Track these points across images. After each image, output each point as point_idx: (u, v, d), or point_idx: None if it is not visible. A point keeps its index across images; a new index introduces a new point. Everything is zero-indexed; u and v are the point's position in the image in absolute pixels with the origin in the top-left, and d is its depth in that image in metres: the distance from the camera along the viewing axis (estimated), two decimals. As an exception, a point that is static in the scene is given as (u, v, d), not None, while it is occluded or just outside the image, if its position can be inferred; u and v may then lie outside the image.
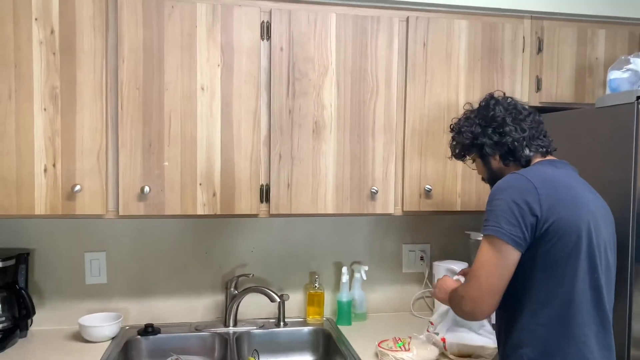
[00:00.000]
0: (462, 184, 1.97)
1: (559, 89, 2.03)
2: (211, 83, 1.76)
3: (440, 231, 2.31)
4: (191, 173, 1.76)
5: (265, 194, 1.82)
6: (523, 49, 1.98)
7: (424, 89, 1.92)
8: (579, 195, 1.33)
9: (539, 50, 2.01)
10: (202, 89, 1.75)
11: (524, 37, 1.98)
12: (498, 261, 1.27)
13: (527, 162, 1.45)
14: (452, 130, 1.60)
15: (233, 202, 1.79)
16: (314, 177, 1.85)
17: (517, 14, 1.98)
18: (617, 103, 1.59)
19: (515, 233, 1.26)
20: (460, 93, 1.94)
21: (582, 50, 2.05)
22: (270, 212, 1.83)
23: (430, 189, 1.92)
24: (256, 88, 1.79)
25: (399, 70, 1.90)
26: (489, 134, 1.46)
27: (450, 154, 1.63)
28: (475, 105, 1.57)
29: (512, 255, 1.27)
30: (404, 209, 1.94)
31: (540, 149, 1.45)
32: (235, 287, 2.06)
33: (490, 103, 1.51)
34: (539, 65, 2.01)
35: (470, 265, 2.13)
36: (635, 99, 1.54)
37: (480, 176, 1.61)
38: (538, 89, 2.02)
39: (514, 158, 1.46)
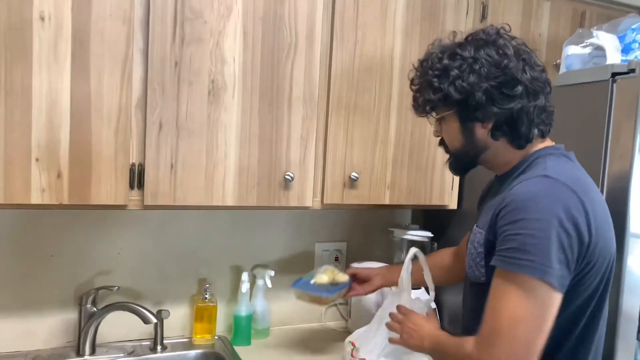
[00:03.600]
0: (393, 173, 1.60)
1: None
2: (56, 11, 1.19)
3: (359, 227, 1.94)
4: (22, 143, 1.18)
5: (137, 178, 1.30)
6: (467, 12, 1.66)
7: (354, 50, 1.51)
8: (604, 203, 1.03)
9: (483, 17, 1.70)
10: (42, 18, 1.18)
11: (467, 0, 1.66)
12: (543, 312, 0.92)
13: (524, 145, 1.08)
14: (426, 68, 1.11)
15: (88, 187, 1.25)
16: (209, 156, 1.36)
17: (462, -29, 1.65)
18: (586, 81, 1.32)
19: (564, 274, 0.93)
20: (396, 59, 1.57)
21: (526, 23, 1.78)
22: (145, 203, 1.31)
23: (357, 177, 1.53)
24: (127, 26, 1.25)
25: (324, 23, 1.47)
26: (491, 90, 1.01)
27: (416, 104, 1.16)
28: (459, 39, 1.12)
29: (557, 302, 0.93)
30: (324, 201, 1.53)
31: (543, 128, 1.09)
32: (94, 303, 1.50)
33: (498, 41, 1.04)
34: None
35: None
36: (610, 75, 1.27)
37: (439, 143, 1.20)
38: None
39: (513, 134, 1.06)
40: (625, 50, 1.37)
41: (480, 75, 1.02)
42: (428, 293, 1.42)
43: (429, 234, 1.79)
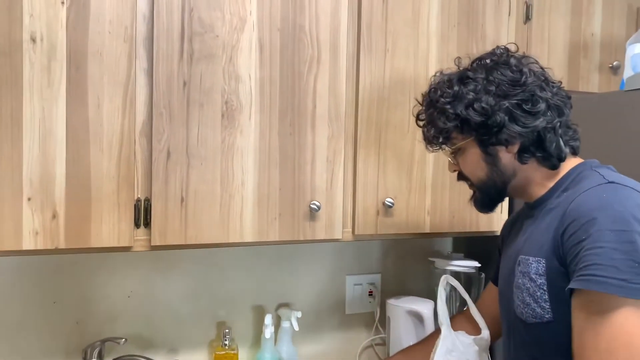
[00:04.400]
0: (433, 196, 1.41)
1: (549, 71, 1.55)
2: (49, 30, 1.05)
3: (393, 256, 1.75)
4: (12, 180, 1.04)
5: (143, 214, 1.14)
6: (509, 13, 1.48)
7: (384, 61, 1.34)
8: None
9: (527, 18, 1.52)
10: (33, 39, 1.04)
11: (509, 0, 1.48)
12: None
13: (557, 164, 0.97)
14: (435, 98, 1.02)
15: (88, 228, 1.09)
16: (225, 186, 1.20)
17: (501, -32, 1.47)
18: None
19: None
20: (431, 69, 1.39)
21: (576, 22, 1.59)
22: (153, 244, 1.15)
23: (392, 204, 1.35)
24: (129, 44, 1.11)
25: (349, 32, 1.31)
26: (512, 109, 0.93)
27: (426, 138, 1.07)
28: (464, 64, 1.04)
29: None
30: (356, 232, 1.34)
31: (574, 144, 0.99)
32: (100, 357, 1.34)
33: (509, 60, 0.97)
34: (527, 38, 1.52)
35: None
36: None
37: (457, 178, 1.08)
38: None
39: (543, 154, 0.95)
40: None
41: (498, 95, 0.94)
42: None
43: (476, 264, 1.58)
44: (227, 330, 1.46)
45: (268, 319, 1.46)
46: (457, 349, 1.19)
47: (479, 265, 1.60)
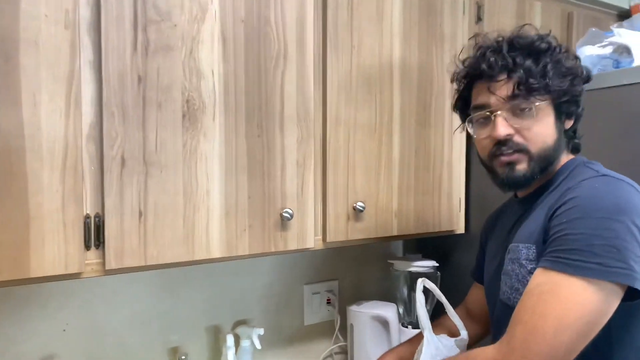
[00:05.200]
0: (399, 199, 1.37)
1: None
2: (-31, 10, 0.85)
3: (349, 262, 1.69)
4: None
5: (95, 234, 0.97)
6: (464, 12, 1.48)
7: (350, 57, 1.27)
8: None
9: (479, 18, 1.53)
10: (-53, 21, 0.83)
11: (464, 0, 1.48)
12: (597, 319, 0.80)
13: (580, 150, 1.03)
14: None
15: (26, 254, 0.89)
16: (188, 196, 1.05)
17: (455, -33, 1.47)
18: (633, 82, 1.16)
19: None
20: (395, 67, 1.35)
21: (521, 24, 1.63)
22: (107, 267, 0.98)
23: (363, 208, 1.28)
24: (71, 31, 0.93)
25: (315, 27, 1.22)
26: (576, 87, 0.95)
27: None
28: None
29: (615, 305, 0.81)
30: (327, 240, 1.26)
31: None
32: (34, 403, 1.12)
33: (562, 47, 0.96)
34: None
35: (407, 309, 1.56)
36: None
37: (498, 145, 0.96)
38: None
39: (574, 141, 1.02)
40: (654, 49, 1.24)
41: (573, 67, 0.95)
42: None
43: (434, 263, 1.57)
44: (182, 357, 1.30)
45: (230, 340, 1.32)
46: (441, 353, 1.16)
47: (437, 264, 1.59)
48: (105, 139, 0.97)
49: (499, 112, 0.93)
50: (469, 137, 1.46)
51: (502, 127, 0.92)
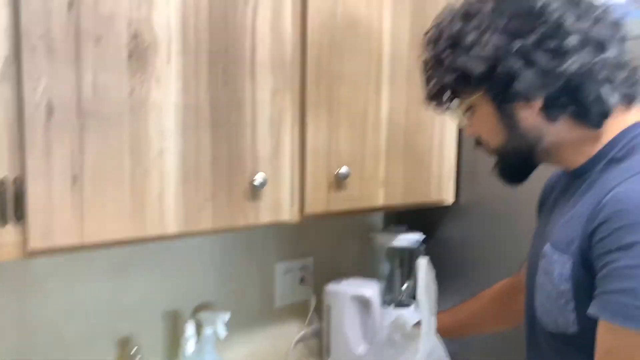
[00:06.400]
0: (387, 164, 1.20)
1: None
2: None
3: (324, 235, 1.51)
4: None
5: (13, 204, 0.75)
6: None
7: (335, -6, 1.07)
8: None
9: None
10: None
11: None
12: None
13: (600, 120, 0.73)
14: (433, 40, 0.80)
15: None
16: (137, 157, 0.84)
17: None
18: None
19: None
20: (386, 11, 1.15)
21: None
22: (30, 246, 0.76)
23: (347, 174, 1.10)
24: None
25: (293, -48, 1.01)
26: (528, 49, 0.70)
27: (427, 93, 0.85)
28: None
29: None
30: (305, 211, 1.08)
31: (628, 91, 0.74)
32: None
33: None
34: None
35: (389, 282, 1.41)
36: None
37: (475, 144, 0.87)
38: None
39: (579, 108, 0.72)
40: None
41: (510, 33, 0.71)
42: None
43: (420, 236, 1.42)
44: (134, 349, 1.10)
45: (190, 329, 1.13)
46: (438, 352, 1.02)
47: (422, 238, 1.44)
48: (26, 80, 0.74)
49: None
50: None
51: (467, 129, 0.86)
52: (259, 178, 0.96)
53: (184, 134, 0.89)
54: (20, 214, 0.75)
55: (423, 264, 0.98)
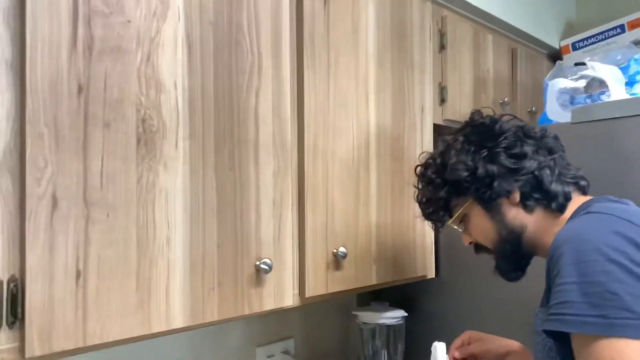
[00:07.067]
0: (377, 243, 1.20)
1: (461, 103, 1.50)
2: None
3: (305, 315, 1.46)
4: None
5: (9, 306, 0.66)
6: (430, 38, 1.39)
7: (327, 78, 1.10)
8: None
9: (442, 47, 1.45)
10: None
11: (430, 25, 1.39)
12: None
13: (564, 204, 0.89)
14: (424, 174, 1.02)
15: None
16: (143, 248, 0.78)
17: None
18: (617, 116, 1.12)
19: None
20: (371, 95, 1.20)
21: (477, 56, 1.58)
22: (28, 355, 0.67)
23: (346, 253, 1.09)
24: (-17, 14, 0.65)
25: (291, 39, 1.03)
26: (498, 156, 0.90)
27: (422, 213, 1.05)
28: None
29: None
30: (306, 294, 1.04)
31: (579, 182, 0.92)
32: None
33: (485, 119, 0.96)
34: (442, 69, 1.45)
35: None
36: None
37: (475, 250, 1.02)
38: (442, 100, 1.45)
39: (547, 197, 0.88)
40: (630, 83, 1.22)
41: (479, 150, 0.91)
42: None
43: (403, 312, 1.41)
44: None
45: None
46: None
47: (406, 314, 1.42)
48: (29, 170, 0.68)
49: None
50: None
51: (463, 238, 1.00)
52: (264, 263, 0.92)
53: (191, 221, 0.84)
54: (15, 318, 0.66)
55: (441, 349, 0.96)
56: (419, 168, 1.03)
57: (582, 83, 1.27)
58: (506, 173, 0.88)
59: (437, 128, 1.41)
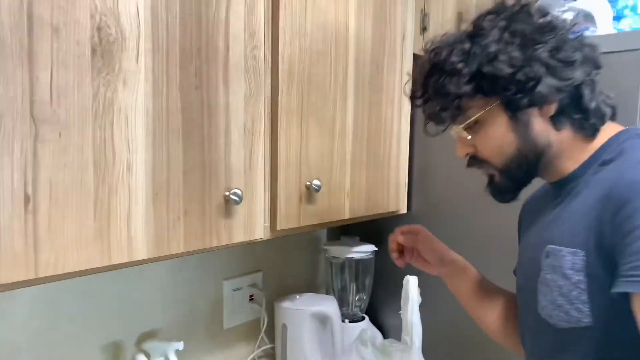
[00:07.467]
0: (352, 175, 1.16)
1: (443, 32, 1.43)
2: None
3: (274, 249, 1.42)
4: None
5: (-53, 233, 0.59)
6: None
7: (305, -4, 1.00)
8: None
9: (424, 29, 1.36)
10: None
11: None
12: None
13: (598, 129, 0.77)
14: (441, 58, 0.76)
15: None
16: (101, 172, 0.71)
17: None
18: (611, 50, 1.08)
19: None
20: (351, 17, 1.11)
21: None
22: (-28, 286, 0.60)
23: (320, 186, 1.04)
24: None
25: (266, -54, 0.92)
26: (547, 59, 0.72)
27: (427, 115, 0.82)
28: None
29: None
30: (278, 227, 0.99)
31: (613, 105, 0.79)
32: None
33: (531, 8, 0.75)
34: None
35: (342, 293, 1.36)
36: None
37: (468, 164, 0.84)
38: (424, 29, 1.37)
39: (582, 117, 0.76)
40: (617, 17, 1.18)
41: (526, 46, 0.73)
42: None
43: (373, 247, 1.39)
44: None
45: (141, 362, 1.00)
46: None
47: (376, 248, 1.41)
48: (-37, 78, 0.58)
49: (452, 132, 0.81)
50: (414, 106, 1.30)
51: (458, 148, 0.82)
52: (234, 194, 0.86)
53: (154, 144, 0.77)
54: (-44, 247, 0.59)
55: (413, 282, 0.94)
56: (434, 52, 0.79)
57: (569, 15, 1.21)
58: (552, 79, 0.73)
59: (416, 59, 1.34)
